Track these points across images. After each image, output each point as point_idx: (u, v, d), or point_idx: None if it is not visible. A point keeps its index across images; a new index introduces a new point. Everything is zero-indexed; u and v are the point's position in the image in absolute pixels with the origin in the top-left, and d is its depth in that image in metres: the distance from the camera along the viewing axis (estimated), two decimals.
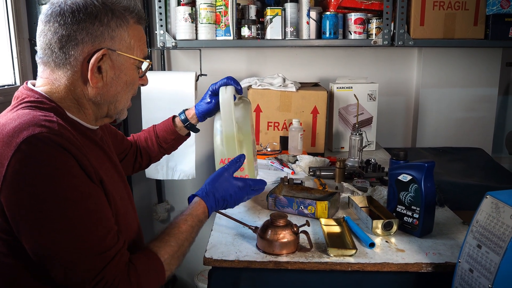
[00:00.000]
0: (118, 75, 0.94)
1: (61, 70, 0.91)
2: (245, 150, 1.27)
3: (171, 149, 1.42)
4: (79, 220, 0.80)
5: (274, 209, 1.36)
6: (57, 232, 0.79)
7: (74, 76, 0.91)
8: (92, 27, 0.88)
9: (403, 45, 2.06)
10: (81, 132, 0.93)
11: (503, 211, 0.86)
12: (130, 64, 0.96)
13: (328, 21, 2.07)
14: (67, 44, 0.88)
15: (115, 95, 0.96)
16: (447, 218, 1.32)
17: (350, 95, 2.05)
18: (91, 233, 0.82)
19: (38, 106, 0.88)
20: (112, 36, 0.91)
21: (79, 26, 0.88)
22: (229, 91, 1.25)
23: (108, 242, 0.84)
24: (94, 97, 0.94)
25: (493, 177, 1.86)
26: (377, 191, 1.47)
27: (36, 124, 0.80)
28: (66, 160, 0.80)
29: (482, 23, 2.05)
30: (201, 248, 1.12)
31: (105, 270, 0.81)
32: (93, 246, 0.81)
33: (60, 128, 0.82)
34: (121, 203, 0.97)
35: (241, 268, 1.07)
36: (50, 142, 0.79)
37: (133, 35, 0.95)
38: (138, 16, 0.96)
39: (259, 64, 2.38)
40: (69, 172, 0.80)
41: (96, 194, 0.85)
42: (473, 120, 2.36)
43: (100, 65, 0.91)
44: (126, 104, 1.01)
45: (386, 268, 1.05)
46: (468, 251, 0.92)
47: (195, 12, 2.01)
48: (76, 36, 0.88)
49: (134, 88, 1.01)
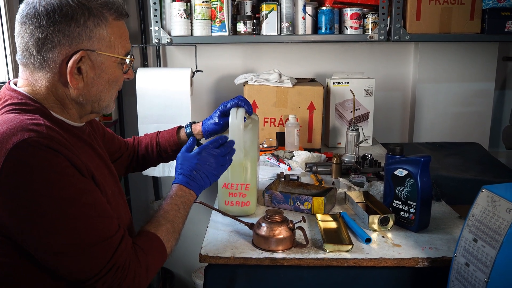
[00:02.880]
0: (99, 74, 0.93)
1: (41, 72, 0.90)
2: (250, 176, 1.26)
3: (170, 159, 1.39)
4: (81, 215, 0.82)
5: (270, 205, 1.36)
6: (61, 232, 0.80)
7: (54, 78, 0.90)
8: (68, 28, 0.87)
9: (399, 40, 2.05)
10: (67, 130, 0.93)
11: (499, 204, 0.86)
12: (112, 62, 0.94)
13: (324, 16, 2.06)
14: (44, 47, 0.87)
15: (97, 94, 0.95)
16: (444, 212, 1.32)
17: (347, 90, 2.05)
18: (94, 226, 0.83)
19: (23, 109, 0.87)
20: (90, 36, 0.89)
21: (55, 28, 0.86)
22: (240, 115, 1.21)
23: (113, 230, 0.86)
24: (76, 97, 0.93)
25: (490, 172, 1.86)
26: (373, 186, 1.47)
27: (24, 129, 0.80)
28: (58, 161, 0.80)
29: (478, 17, 2.04)
30: (198, 245, 1.12)
31: (115, 256, 0.84)
32: (99, 236, 0.83)
33: (48, 131, 0.82)
34: (112, 198, 0.98)
35: (237, 265, 1.07)
36: (40, 146, 0.79)
37: (112, 33, 0.92)
38: (117, 12, 0.93)
39: (255, 59, 2.37)
40: (63, 172, 0.81)
41: (91, 188, 0.86)
42: (470, 115, 2.36)
43: (80, 66, 0.90)
44: (110, 100, 1.00)
45: (382, 263, 1.05)
46: (464, 245, 0.92)
47: (190, 8, 2.00)
48: (53, 39, 0.86)
49: (118, 85, 1.00)
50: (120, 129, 2.40)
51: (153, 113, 2.06)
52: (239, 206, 1.27)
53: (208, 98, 2.42)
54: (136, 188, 2.51)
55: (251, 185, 1.27)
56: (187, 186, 1.08)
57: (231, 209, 1.27)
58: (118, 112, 2.36)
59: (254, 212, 1.31)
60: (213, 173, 1.11)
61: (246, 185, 1.26)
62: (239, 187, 1.25)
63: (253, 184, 1.28)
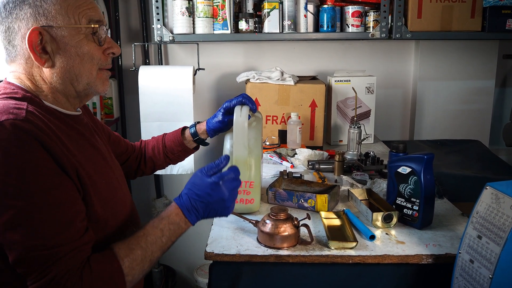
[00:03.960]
0: (64, 48, 0.92)
1: (16, 62, 0.93)
2: (254, 174, 1.27)
3: (177, 159, 1.39)
4: (33, 212, 0.80)
5: (274, 202, 1.37)
6: (11, 221, 0.79)
7: (28, 64, 0.93)
8: (21, 12, 0.89)
9: (401, 38, 2.06)
10: (59, 119, 0.94)
11: (503, 201, 0.86)
12: (75, 34, 0.92)
13: (325, 14, 2.06)
14: (10, 37, 0.90)
15: (69, 70, 0.94)
16: (446, 210, 1.33)
17: (348, 88, 2.05)
18: (45, 227, 0.81)
19: (12, 97, 0.90)
20: (42, 13, 0.89)
21: (11, 16, 0.89)
22: (244, 112, 1.21)
23: (63, 238, 0.82)
24: (52, 78, 0.93)
25: (491, 169, 1.87)
26: (376, 183, 1.48)
27: (4, 112, 0.82)
28: (31, 148, 0.80)
29: (479, 15, 2.04)
30: (200, 242, 1.11)
31: (53, 265, 0.80)
32: (46, 239, 0.80)
33: (27, 115, 0.83)
34: (106, 188, 0.97)
35: (242, 262, 1.08)
36: (14, 129, 0.80)
37: (66, 5, 0.91)
38: None
39: (257, 57, 2.38)
40: (32, 161, 0.80)
41: (59, 186, 0.83)
42: (471, 112, 2.37)
43: (44, 45, 0.90)
44: (91, 77, 0.97)
45: (386, 260, 1.06)
46: (468, 242, 0.93)
47: (192, 6, 2.00)
48: (14, 26, 0.90)
49: (94, 58, 0.96)
50: (122, 127, 2.40)
51: (155, 111, 2.07)
52: (243, 204, 1.28)
53: (210, 96, 2.42)
54: (138, 186, 2.52)
55: (255, 182, 1.27)
56: (185, 214, 0.98)
57: (236, 207, 1.26)
58: (120, 110, 2.36)
59: (258, 209, 1.32)
60: (225, 209, 1.02)
61: (251, 183, 1.27)
62: (243, 185, 1.26)
63: (257, 181, 1.29)
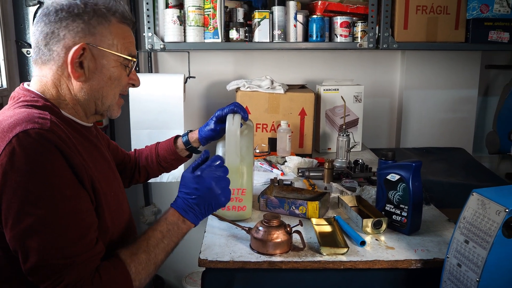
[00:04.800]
0: (100, 70, 0.97)
1: (47, 66, 0.95)
2: (246, 181, 1.29)
3: (170, 168, 1.41)
4: (52, 221, 0.82)
5: (265, 210, 1.38)
6: (29, 228, 0.81)
7: (59, 72, 0.95)
8: (73, 24, 0.92)
9: (388, 48, 2.11)
10: (76, 129, 0.96)
11: (489, 207, 0.90)
12: (113, 60, 0.98)
13: (314, 24, 2.10)
14: (50, 40, 0.93)
15: (98, 90, 0.98)
16: (434, 216, 1.36)
17: (337, 97, 2.09)
18: (62, 236, 0.83)
19: (34, 105, 0.91)
20: (92, 32, 0.94)
21: (61, 23, 0.92)
22: (236, 121, 1.23)
23: (78, 248, 0.84)
24: (79, 92, 0.97)
25: (475, 176, 1.92)
26: (365, 190, 1.51)
27: (29, 121, 0.84)
28: (53, 158, 0.82)
29: (462, 27, 2.11)
30: (190, 250, 1.10)
31: (65, 273, 0.82)
32: (60, 248, 0.82)
33: (52, 125, 0.85)
34: (114, 199, 0.99)
35: (235, 269, 1.09)
36: (39, 138, 0.82)
37: (115, 34, 0.97)
38: (121, 16, 0.99)
39: (247, 66, 2.40)
40: (54, 171, 0.82)
41: (78, 196, 0.86)
42: (455, 121, 2.43)
43: (82, 60, 0.94)
44: (113, 100, 1.03)
45: (377, 265, 1.08)
46: (456, 247, 0.96)
47: (183, 15, 2.02)
48: (59, 33, 0.92)
49: (121, 84, 1.02)
50: (110, 135, 2.40)
51: (146, 118, 2.07)
52: (235, 211, 1.30)
53: (200, 103, 2.44)
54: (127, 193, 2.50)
55: (247, 190, 1.29)
56: (182, 214, 1.01)
57: (228, 214, 1.29)
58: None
59: (250, 216, 1.33)
60: (217, 198, 1.03)
61: (243, 190, 1.28)
62: (235, 192, 1.27)
63: (249, 189, 1.30)
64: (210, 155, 1.10)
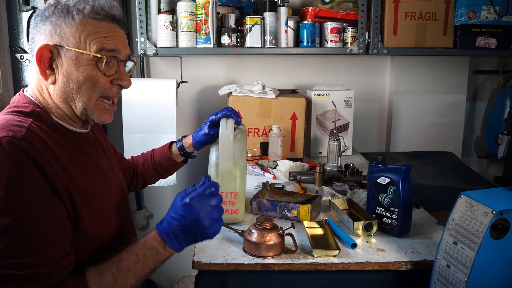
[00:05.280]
0: (71, 71, 0.94)
1: (32, 70, 0.97)
2: (239, 185, 1.30)
3: (166, 174, 1.43)
4: (17, 231, 0.81)
5: (258, 213, 1.40)
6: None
7: (38, 76, 0.96)
8: (43, 26, 0.94)
9: (377, 53, 2.14)
10: (64, 136, 0.95)
11: (476, 209, 0.92)
12: (84, 60, 0.94)
13: (305, 30, 2.13)
14: (31, 45, 0.95)
15: (67, 91, 0.95)
16: (423, 218, 1.39)
17: (327, 101, 2.12)
18: (24, 247, 0.81)
19: (21, 111, 0.91)
20: (59, 33, 0.93)
21: (36, 27, 0.94)
22: (229, 125, 1.25)
23: (39, 260, 0.83)
24: (53, 94, 0.96)
25: (464, 179, 1.95)
26: (356, 194, 1.53)
27: (4, 128, 0.84)
28: (23, 167, 0.81)
29: (451, 33, 2.15)
30: (182, 254, 1.04)
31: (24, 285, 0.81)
32: (22, 259, 0.81)
33: (26, 134, 0.83)
34: (100, 206, 0.98)
35: (228, 271, 1.10)
36: (10, 147, 0.81)
37: (83, 30, 0.93)
38: (91, 11, 0.94)
39: (238, 71, 2.42)
40: (22, 180, 0.81)
41: (47, 207, 0.84)
42: (444, 125, 2.47)
43: (53, 62, 0.94)
44: (89, 104, 0.97)
45: (368, 267, 1.10)
46: (445, 248, 0.98)
47: (175, 20, 2.04)
48: (35, 38, 0.94)
49: (98, 87, 0.96)
50: None
51: (139, 123, 2.08)
52: (228, 214, 1.31)
53: (192, 108, 2.45)
54: None
55: (240, 193, 1.30)
56: (164, 239, 0.94)
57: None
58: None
59: (243, 219, 1.34)
60: (203, 230, 0.93)
61: (236, 193, 1.30)
62: (228, 196, 1.29)
63: (242, 192, 1.32)
64: (210, 178, 1.00)
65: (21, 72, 1.66)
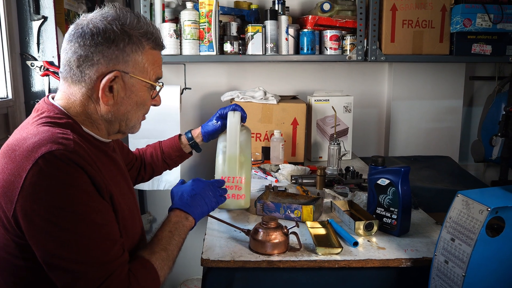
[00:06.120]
0: (129, 95, 1.00)
1: (77, 86, 0.97)
2: (245, 171, 1.41)
3: (173, 165, 1.50)
4: (87, 233, 0.86)
5: (262, 214, 1.44)
6: (66, 243, 0.84)
7: (88, 93, 0.97)
8: (108, 50, 0.94)
9: (376, 60, 2.20)
10: (95, 145, 1.00)
11: (472, 207, 0.97)
12: (142, 86, 1.01)
13: (305, 38, 2.19)
14: (83, 63, 0.94)
15: (125, 113, 1.02)
16: (422, 219, 1.43)
17: (327, 107, 2.17)
18: (97, 246, 0.87)
19: (56, 122, 0.94)
20: (126, 60, 0.96)
21: (96, 48, 0.93)
22: (237, 116, 1.39)
23: (112, 255, 0.89)
24: (106, 114, 1.00)
25: (461, 183, 2.00)
26: (356, 196, 1.57)
27: (53, 142, 0.86)
28: (79, 176, 0.86)
29: (447, 40, 2.21)
30: (184, 258, 1.12)
31: (108, 280, 0.87)
32: (98, 257, 0.87)
33: (75, 146, 0.88)
34: (129, 213, 1.03)
35: (235, 268, 1.14)
36: (65, 159, 0.85)
37: (147, 60, 0.99)
38: (155, 42, 1.01)
39: (240, 77, 2.48)
40: (81, 188, 0.86)
41: (104, 209, 0.91)
42: (441, 130, 2.52)
43: (112, 85, 0.97)
44: (137, 122, 1.07)
45: (369, 264, 1.14)
46: (443, 245, 1.03)
47: (179, 29, 2.09)
48: (93, 57, 0.94)
49: (145, 108, 1.07)
50: None
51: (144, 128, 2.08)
52: (234, 199, 1.40)
53: (195, 114, 2.50)
54: None
55: (246, 178, 1.40)
56: (184, 210, 1.12)
57: (228, 202, 1.40)
58: None
59: (249, 206, 1.43)
60: (210, 199, 1.19)
61: (242, 178, 1.39)
62: (235, 180, 1.39)
63: (248, 178, 1.41)
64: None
65: (31, 79, 1.71)
